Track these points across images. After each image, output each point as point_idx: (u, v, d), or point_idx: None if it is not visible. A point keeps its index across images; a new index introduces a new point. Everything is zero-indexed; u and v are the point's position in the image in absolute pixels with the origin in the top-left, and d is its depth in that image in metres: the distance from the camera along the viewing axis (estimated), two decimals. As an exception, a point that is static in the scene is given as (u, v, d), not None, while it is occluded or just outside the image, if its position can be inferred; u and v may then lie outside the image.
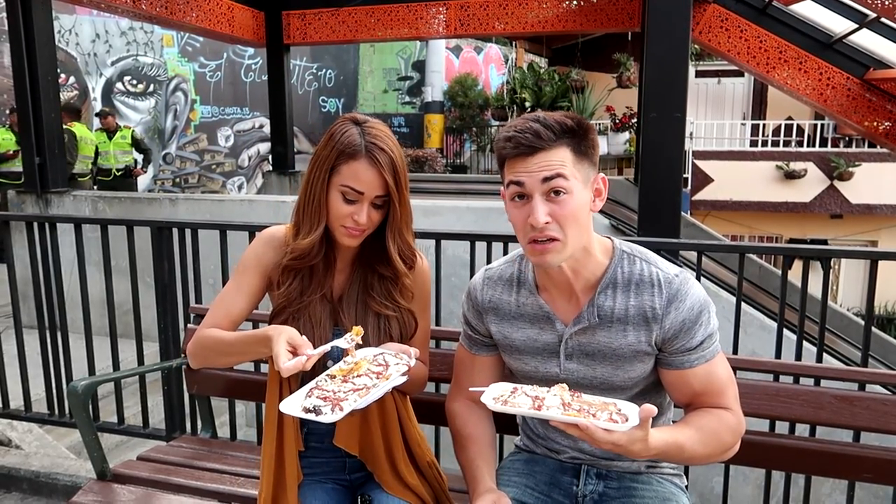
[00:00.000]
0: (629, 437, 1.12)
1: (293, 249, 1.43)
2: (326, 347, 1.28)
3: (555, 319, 1.37)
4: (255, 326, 2.39)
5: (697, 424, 1.29)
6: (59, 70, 5.38)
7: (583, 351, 1.36)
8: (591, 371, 1.36)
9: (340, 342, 1.31)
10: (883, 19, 5.38)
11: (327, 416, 1.19)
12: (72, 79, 8.63)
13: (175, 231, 2.79)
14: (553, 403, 1.17)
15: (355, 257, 1.51)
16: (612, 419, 1.13)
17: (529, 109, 13.17)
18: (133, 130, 8.27)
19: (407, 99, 14.81)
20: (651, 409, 1.11)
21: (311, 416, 1.20)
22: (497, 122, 14.04)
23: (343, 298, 1.48)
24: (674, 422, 1.51)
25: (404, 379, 1.29)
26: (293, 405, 1.24)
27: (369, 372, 1.29)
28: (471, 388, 1.36)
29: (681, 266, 1.45)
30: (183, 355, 2.16)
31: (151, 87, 9.76)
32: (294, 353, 1.25)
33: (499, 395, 1.22)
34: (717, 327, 1.34)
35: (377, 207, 1.40)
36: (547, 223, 1.26)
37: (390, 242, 1.43)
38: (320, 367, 1.34)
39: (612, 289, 1.34)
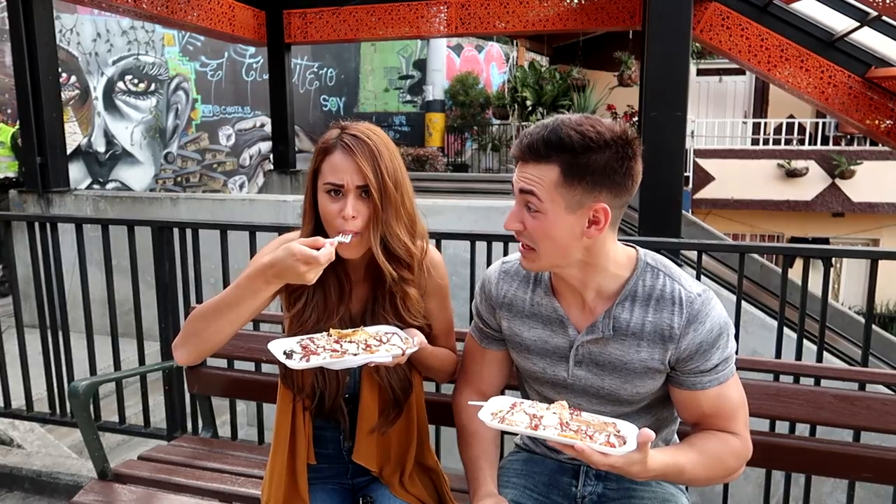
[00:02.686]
0: (626, 459, 1.11)
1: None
2: (335, 241, 1.26)
3: (568, 324, 1.34)
4: (256, 328, 2.40)
5: (701, 447, 1.27)
6: (60, 69, 5.38)
7: (593, 360, 1.33)
8: (598, 381, 1.33)
9: (334, 239, 1.27)
10: (884, 17, 5.37)
11: (293, 363, 1.25)
12: (73, 78, 8.63)
13: (176, 231, 2.79)
14: (551, 423, 1.15)
15: (368, 276, 1.46)
16: (610, 441, 1.11)
17: (530, 108, 13.17)
18: (14, 131, 7.03)
19: (408, 98, 14.79)
20: (649, 434, 1.09)
21: (283, 359, 1.26)
22: (498, 121, 14.03)
23: (364, 319, 1.44)
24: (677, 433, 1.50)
25: (388, 359, 1.27)
26: (278, 346, 1.30)
27: (363, 342, 1.30)
28: (469, 402, 1.34)
29: (696, 277, 1.42)
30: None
31: (153, 87, 9.75)
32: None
33: (497, 411, 1.20)
34: (735, 350, 1.31)
35: (364, 200, 1.33)
36: (518, 231, 1.26)
37: (372, 236, 1.33)
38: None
39: (631, 302, 1.29)
